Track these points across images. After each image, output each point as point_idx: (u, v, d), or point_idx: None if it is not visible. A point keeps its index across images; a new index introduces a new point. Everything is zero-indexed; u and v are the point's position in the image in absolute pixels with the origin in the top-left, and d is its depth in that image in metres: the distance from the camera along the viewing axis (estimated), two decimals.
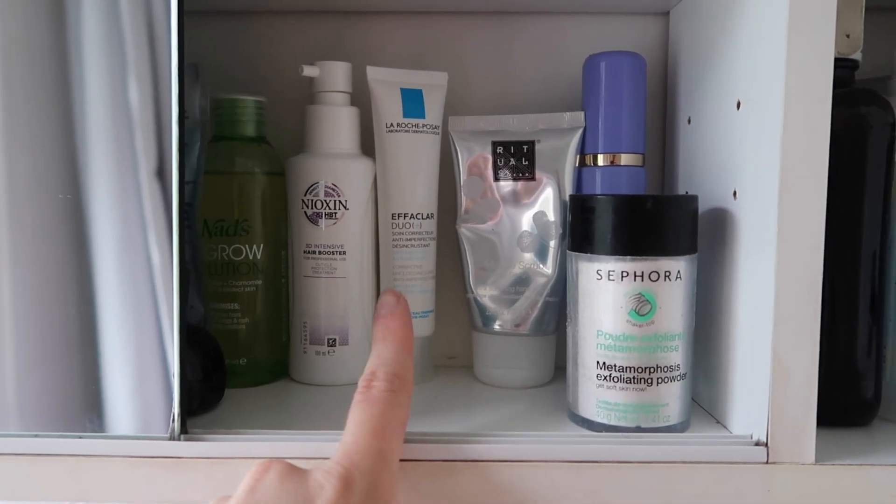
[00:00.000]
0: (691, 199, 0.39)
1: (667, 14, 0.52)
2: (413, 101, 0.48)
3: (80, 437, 0.36)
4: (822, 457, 0.35)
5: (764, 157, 0.36)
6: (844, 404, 0.40)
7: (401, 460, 0.35)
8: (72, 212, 0.35)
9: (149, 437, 0.36)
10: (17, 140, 0.35)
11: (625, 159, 0.47)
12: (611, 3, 0.51)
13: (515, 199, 0.48)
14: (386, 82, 0.48)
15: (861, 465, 0.35)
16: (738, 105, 0.39)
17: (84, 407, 0.36)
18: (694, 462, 0.35)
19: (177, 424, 0.36)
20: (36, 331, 0.36)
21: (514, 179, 0.48)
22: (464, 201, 0.49)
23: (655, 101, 0.52)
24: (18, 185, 0.35)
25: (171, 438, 0.36)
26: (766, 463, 0.35)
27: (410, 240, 0.48)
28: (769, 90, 0.35)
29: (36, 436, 0.36)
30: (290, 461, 0.31)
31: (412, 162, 0.48)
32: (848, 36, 0.37)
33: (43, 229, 0.35)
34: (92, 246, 0.35)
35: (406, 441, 0.36)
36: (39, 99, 0.34)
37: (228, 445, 0.36)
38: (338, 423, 0.40)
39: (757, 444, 0.36)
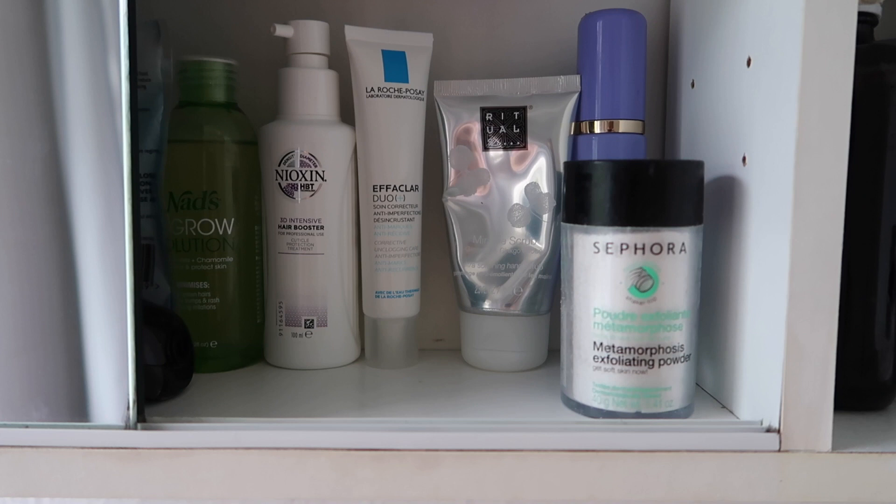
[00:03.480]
0: (697, 165, 0.36)
1: None
2: (395, 64, 0.45)
3: (27, 427, 0.33)
4: (838, 444, 0.33)
5: (778, 119, 0.32)
6: (861, 388, 0.37)
7: (380, 451, 0.32)
8: (53, 193, 0.33)
9: (102, 426, 0.33)
10: None
11: (623, 126, 0.44)
12: None
13: (506, 170, 0.45)
14: (366, 43, 0.45)
15: (881, 452, 0.33)
16: (749, 62, 0.36)
17: (68, 394, 0.33)
18: (700, 451, 0.32)
19: (132, 412, 0.32)
20: (17, 317, 0.33)
21: (505, 149, 0.45)
22: (451, 172, 0.46)
23: (655, 65, 0.49)
24: None
25: (126, 427, 0.32)
26: (779, 451, 0.32)
27: (393, 214, 0.45)
28: (784, 44, 0.32)
29: None
30: (258, 451, 0.28)
31: (395, 130, 0.45)
32: None
33: (23, 212, 0.33)
34: (74, 228, 0.33)
35: (387, 430, 0.33)
36: (18, 80, 0.32)
37: (189, 434, 0.32)
38: (314, 410, 0.37)
39: (768, 430, 0.33)
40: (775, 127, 0.33)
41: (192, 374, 0.40)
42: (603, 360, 0.35)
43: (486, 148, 0.45)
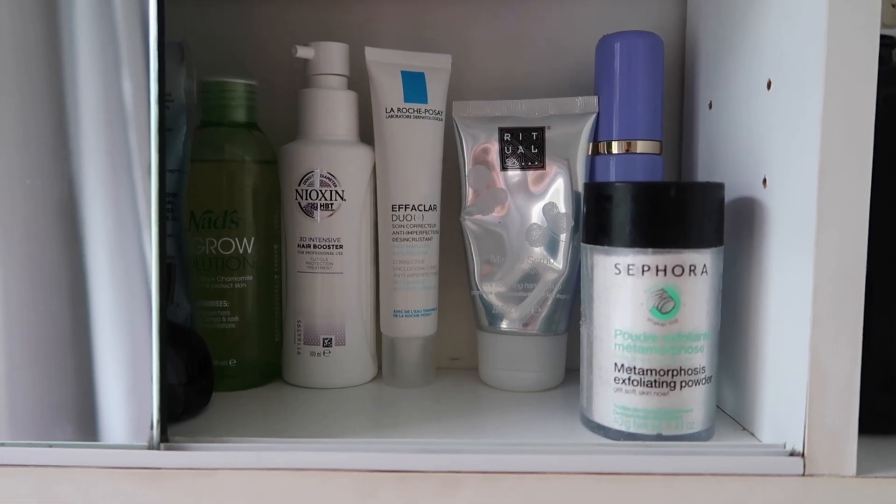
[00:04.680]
0: (718, 187, 0.36)
1: None
2: (415, 85, 0.45)
3: (50, 447, 0.33)
4: (863, 468, 0.32)
5: (799, 141, 0.33)
6: (886, 410, 0.37)
7: (403, 472, 0.32)
8: (65, 209, 0.33)
9: (125, 445, 0.33)
10: (9, 137, 0.33)
11: (641, 147, 0.44)
12: None
13: (524, 190, 0.45)
14: (386, 64, 0.45)
15: None
16: (769, 85, 0.36)
17: (74, 411, 0.33)
18: (723, 474, 0.32)
19: (156, 432, 0.32)
20: (27, 331, 0.33)
21: (523, 169, 0.45)
22: (469, 192, 0.46)
23: (672, 86, 0.49)
24: (10, 182, 0.33)
25: (150, 447, 0.33)
26: (803, 475, 0.32)
27: (412, 233, 0.45)
28: (806, 67, 0.32)
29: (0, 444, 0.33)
30: (280, 472, 0.28)
31: (414, 150, 0.45)
32: (894, 6, 0.34)
33: (36, 227, 0.33)
34: (85, 244, 0.33)
35: (410, 451, 0.33)
36: (32, 95, 0.33)
37: (212, 455, 0.33)
38: (333, 430, 0.37)
39: (792, 454, 0.32)
40: (797, 149, 0.33)
41: (212, 392, 0.41)
42: (624, 381, 0.35)
43: (504, 168, 0.46)
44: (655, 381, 0.35)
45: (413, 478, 0.32)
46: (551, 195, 0.45)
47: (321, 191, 0.44)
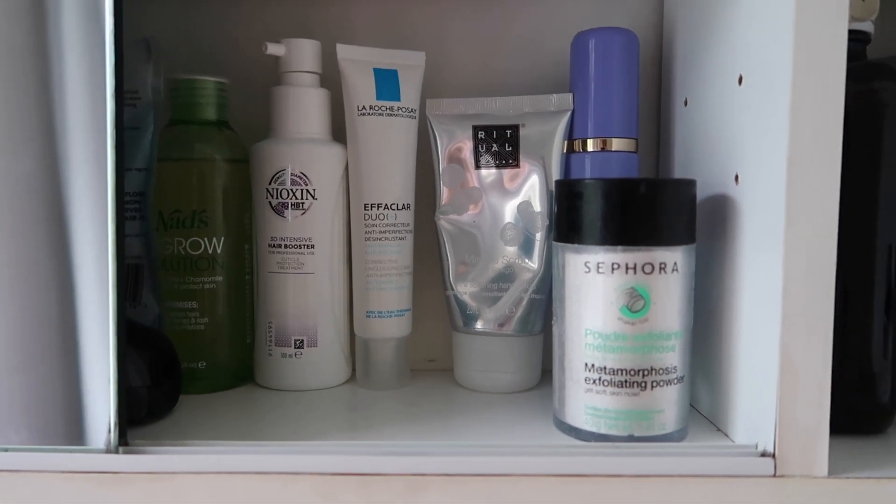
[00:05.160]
0: (689, 184, 0.35)
1: None
2: (387, 83, 0.45)
3: (6, 451, 0.32)
4: (835, 469, 0.32)
5: (769, 138, 0.32)
6: (858, 410, 0.36)
7: (366, 475, 0.31)
8: (52, 212, 0.32)
9: (82, 449, 0.32)
10: None
11: (616, 144, 0.43)
12: None
13: (498, 189, 0.45)
14: (358, 62, 0.45)
15: (879, 477, 0.32)
16: (740, 80, 0.35)
17: (62, 416, 0.33)
18: (693, 475, 0.32)
19: (113, 435, 0.32)
20: (14, 334, 0.33)
21: (497, 167, 0.45)
22: (444, 191, 0.46)
23: (648, 83, 0.49)
24: None
25: (108, 451, 0.32)
26: (774, 476, 0.32)
27: (385, 232, 0.45)
28: (775, 61, 0.32)
29: None
30: (241, 475, 0.27)
31: (386, 148, 0.44)
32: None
33: (23, 229, 0.33)
34: (70, 240, 0.33)
35: (373, 454, 0.32)
36: (19, 97, 0.32)
37: (171, 458, 0.32)
38: (303, 433, 0.37)
39: (763, 454, 0.32)
40: (767, 145, 0.32)
41: (178, 395, 0.40)
42: (595, 381, 0.35)
43: (478, 166, 0.45)
44: (626, 382, 0.34)
45: (377, 481, 0.32)
46: (526, 193, 0.44)
47: (292, 189, 0.43)
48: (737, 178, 0.35)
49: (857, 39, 0.36)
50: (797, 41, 0.30)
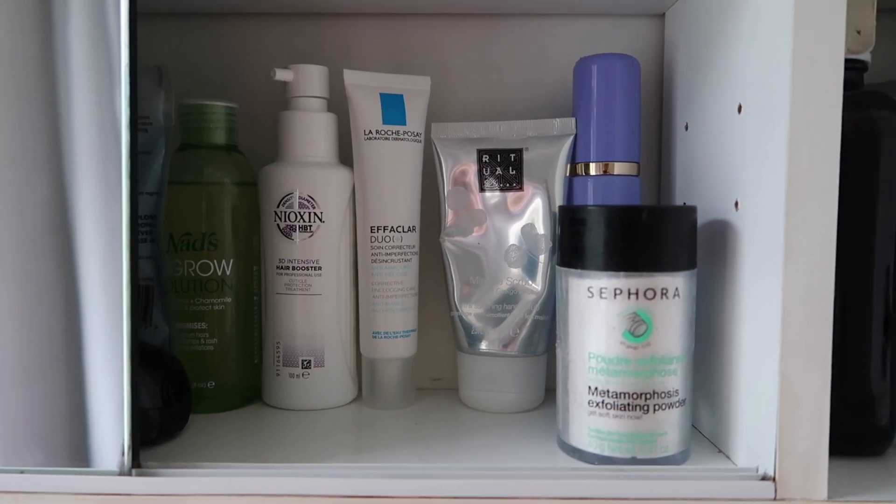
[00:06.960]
0: (690, 210, 0.36)
1: (662, 15, 0.49)
2: (393, 107, 0.45)
3: (22, 472, 0.33)
4: (835, 492, 0.32)
5: (768, 165, 0.33)
6: (857, 432, 0.37)
7: (375, 497, 0.32)
8: (58, 224, 0.33)
9: (96, 471, 0.32)
10: (2, 150, 0.33)
11: (618, 168, 0.44)
12: (603, 4, 0.48)
13: (502, 211, 0.45)
14: (364, 87, 0.45)
15: (879, 501, 0.32)
16: (740, 109, 0.36)
17: (68, 438, 0.33)
18: (695, 499, 0.32)
19: (127, 457, 0.32)
20: (19, 348, 0.33)
21: (501, 190, 0.45)
22: (448, 213, 0.46)
23: (650, 107, 0.50)
24: (3, 196, 0.33)
25: (121, 473, 0.32)
26: (774, 500, 0.32)
27: (391, 254, 0.45)
28: (773, 91, 0.32)
29: None
30: (252, 497, 0.28)
31: (392, 171, 0.45)
32: (859, 32, 0.34)
33: (30, 241, 0.33)
34: (78, 259, 0.33)
35: (382, 476, 0.32)
36: (25, 108, 0.33)
37: (184, 480, 0.32)
38: (311, 453, 0.37)
39: (763, 478, 0.32)
40: (766, 173, 0.33)
41: (188, 416, 0.40)
42: (598, 404, 0.35)
43: (482, 189, 0.46)
44: (629, 405, 0.35)
45: (385, 503, 0.32)
46: (529, 216, 0.45)
47: (300, 212, 0.44)
48: (737, 204, 0.36)
49: (853, 68, 0.36)
50: (794, 72, 0.31)
